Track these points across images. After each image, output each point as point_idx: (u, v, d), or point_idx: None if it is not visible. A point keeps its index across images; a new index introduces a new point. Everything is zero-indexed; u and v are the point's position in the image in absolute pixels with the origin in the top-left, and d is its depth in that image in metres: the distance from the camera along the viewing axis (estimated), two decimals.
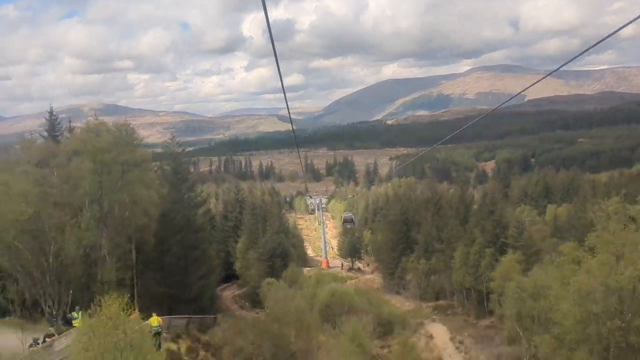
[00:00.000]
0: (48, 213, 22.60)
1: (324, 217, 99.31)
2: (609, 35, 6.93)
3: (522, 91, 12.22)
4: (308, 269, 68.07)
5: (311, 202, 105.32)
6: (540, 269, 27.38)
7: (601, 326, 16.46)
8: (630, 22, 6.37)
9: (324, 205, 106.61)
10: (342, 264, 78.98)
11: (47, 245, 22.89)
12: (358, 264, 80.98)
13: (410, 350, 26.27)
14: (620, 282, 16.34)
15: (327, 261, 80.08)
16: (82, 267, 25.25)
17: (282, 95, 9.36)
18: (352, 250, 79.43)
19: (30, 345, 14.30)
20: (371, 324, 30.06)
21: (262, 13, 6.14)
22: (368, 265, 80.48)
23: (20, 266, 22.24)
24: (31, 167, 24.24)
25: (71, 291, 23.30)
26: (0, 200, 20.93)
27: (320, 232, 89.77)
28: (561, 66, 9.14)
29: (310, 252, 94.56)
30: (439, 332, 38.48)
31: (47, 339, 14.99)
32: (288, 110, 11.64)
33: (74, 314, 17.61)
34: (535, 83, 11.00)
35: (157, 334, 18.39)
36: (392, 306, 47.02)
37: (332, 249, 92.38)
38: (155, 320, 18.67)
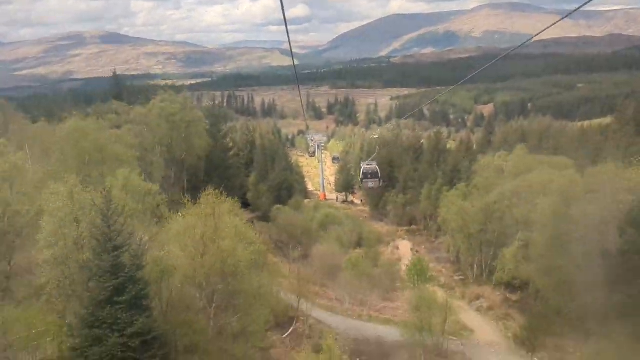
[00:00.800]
0: (143, 155, 35.23)
1: (323, 156, 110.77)
2: None
3: (533, 38, 11.16)
4: (308, 200, 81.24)
5: (312, 146, 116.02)
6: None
7: (472, 229, 29.67)
8: None
9: (323, 145, 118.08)
10: (337, 197, 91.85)
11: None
12: (352, 198, 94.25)
13: (375, 252, 40.06)
14: (484, 204, 29.36)
15: (325, 194, 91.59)
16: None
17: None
18: (346, 185, 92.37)
19: None
20: (352, 235, 43.66)
21: None
22: (362, 200, 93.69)
23: None
24: (131, 125, 36.65)
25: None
26: (120, 147, 33.22)
27: (319, 170, 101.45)
28: (574, 10, 8.85)
29: (310, 187, 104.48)
30: (404, 245, 52.61)
31: None
32: (291, 50, 12.39)
33: None
34: (547, 28, 10.27)
35: None
36: (373, 228, 60.88)
37: (330, 184, 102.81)
38: None
